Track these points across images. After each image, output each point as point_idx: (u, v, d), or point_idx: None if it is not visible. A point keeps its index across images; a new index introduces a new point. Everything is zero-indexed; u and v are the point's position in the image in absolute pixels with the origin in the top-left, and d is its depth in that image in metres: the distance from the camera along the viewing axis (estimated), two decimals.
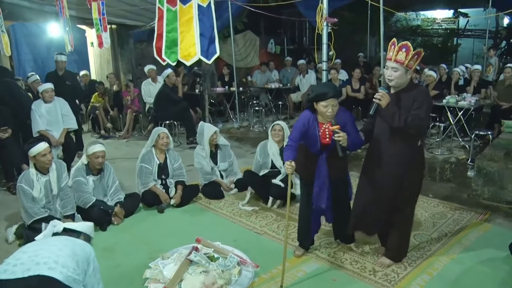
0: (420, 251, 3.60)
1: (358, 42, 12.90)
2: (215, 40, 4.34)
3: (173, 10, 4.38)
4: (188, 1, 4.30)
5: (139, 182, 4.75)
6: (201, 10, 4.33)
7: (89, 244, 2.49)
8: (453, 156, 6.55)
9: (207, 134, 5.00)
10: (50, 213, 3.88)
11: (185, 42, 4.39)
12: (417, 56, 2.98)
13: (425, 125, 3.11)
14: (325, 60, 4.80)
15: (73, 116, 6.09)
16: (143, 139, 7.79)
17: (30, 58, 10.61)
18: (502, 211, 4.44)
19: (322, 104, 3.10)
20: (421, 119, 2.98)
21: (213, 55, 4.39)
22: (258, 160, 4.97)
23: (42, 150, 3.77)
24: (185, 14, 4.34)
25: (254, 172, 4.97)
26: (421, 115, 2.98)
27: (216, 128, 5.14)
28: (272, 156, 4.85)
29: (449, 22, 14.28)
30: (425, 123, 3.07)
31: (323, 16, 4.38)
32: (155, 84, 8.26)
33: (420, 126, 3.04)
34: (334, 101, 3.11)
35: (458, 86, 7.96)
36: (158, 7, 4.40)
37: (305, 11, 10.55)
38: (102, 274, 3.26)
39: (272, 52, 13.20)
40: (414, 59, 2.97)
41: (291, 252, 3.62)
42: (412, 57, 2.95)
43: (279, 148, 4.80)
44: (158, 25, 4.43)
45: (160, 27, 4.43)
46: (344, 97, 8.88)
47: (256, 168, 5.00)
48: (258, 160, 4.97)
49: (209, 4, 4.31)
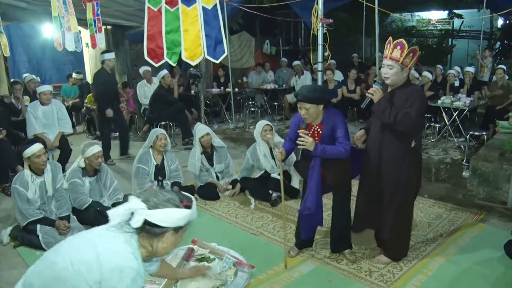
0: (415, 251, 3.61)
1: (354, 43, 12.95)
2: (222, 41, 4.40)
3: (172, 11, 4.38)
4: (193, 3, 4.32)
5: (136, 183, 4.74)
6: (205, 12, 4.37)
7: (123, 270, 1.69)
8: (448, 157, 6.57)
9: (198, 135, 5.01)
10: (45, 215, 3.86)
11: (190, 43, 4.41)
12: (412, 53, 2.99)
13: (414, 124, 3.00)
14: (320, 61, 4.81)
15: (69, 119, 6.05)
16: (139, 140, 7.79)
17: (25, 59, 10.54)
18: (496, 211, 4.47)
19: (298, 106, 3.14)
20: (411, 117, 2.96)
21: (221, 55, 4.48)
22: (251, 163, 5.02)
23: (37, 151, 3.75)
24: (189, 16, 4.36)
25: (249, 178, 5.03)
26: (411, 113, 2.96)
27: (208, 129, 5.10)
28: (264, 158, 4.88)
29: (444, 23, 14.36)
30: (414, 122, 3.00)
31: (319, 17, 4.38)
32: (150, 86, 8.25)
33: (409, 124, 2.99)
34: (304, 104, 3.08)
35: (453, 87, 8.01)
36: (147, 7, 4.38)
37: (301, 12, 10.55)
38: None
39: (268, 53, 13.21)
40: (409, 56, 2.99)
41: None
42: (407, 54, 2.97)
43: (269, 148, 4.83)
44: (149, 25, 4.42)
45: (152, 27, 4.42)
46: (340, 98, 8.91)
47: (244, 170, 5.06)
48: (251, 163, 5.02)
49: (215, 6, 4.35)
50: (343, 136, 3.10)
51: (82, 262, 1.68)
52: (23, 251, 3.79)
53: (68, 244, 1.80)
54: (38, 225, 3.76)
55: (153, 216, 1.73)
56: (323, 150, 3.07)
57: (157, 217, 1.73)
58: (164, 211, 1.75)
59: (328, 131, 3.15)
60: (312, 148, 3.06)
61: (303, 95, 3.08)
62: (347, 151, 3.08)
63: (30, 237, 3.78)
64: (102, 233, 1.76)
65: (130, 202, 1.76)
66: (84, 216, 4.11)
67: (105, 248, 1.70)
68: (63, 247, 1.80)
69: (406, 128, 3.02)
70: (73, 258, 1.70)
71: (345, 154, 3.09)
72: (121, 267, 1.67)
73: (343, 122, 3.15)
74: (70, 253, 1.73)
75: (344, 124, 3.15)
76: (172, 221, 1.77)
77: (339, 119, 3.15)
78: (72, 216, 4.06)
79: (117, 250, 1.70)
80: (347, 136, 3.12)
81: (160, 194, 1.82)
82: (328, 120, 3.15)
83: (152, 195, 1.81)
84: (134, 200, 1.76)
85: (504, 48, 12.10)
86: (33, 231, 3.76)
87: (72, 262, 1.68)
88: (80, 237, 1.84)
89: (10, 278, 3.37)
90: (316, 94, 3.08)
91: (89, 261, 1.67)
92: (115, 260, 1.68)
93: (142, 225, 1.73)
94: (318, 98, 3.07)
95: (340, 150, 3.08)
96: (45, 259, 1.81)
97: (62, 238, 3.81)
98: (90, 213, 4.11)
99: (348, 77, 9.06)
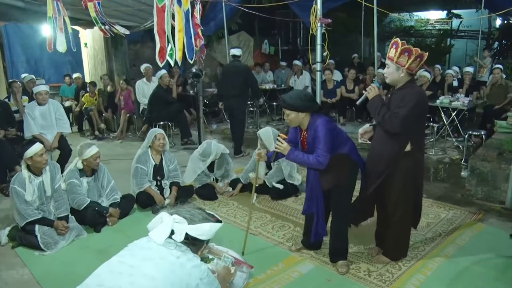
0: (414, 251, 3.61)
1: (352, 43, 12.95)
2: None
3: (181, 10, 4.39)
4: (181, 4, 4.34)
5: (134, 182, 4.73)
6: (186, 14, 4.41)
7: (201, 265, 1.96)
8: (447, 156, 6.58)
9: (212, 156, 4.92)
10: (44, 215, 3.85)
11: (180, 43, 4.42)
12: (408, 53, 2.98)
13: (400, 125, 2.93)
14: (319, 60, 4.81)
15: (67, 119, 5.99)
16: (137, 140, 7.79)
17: (23, 59, 10.52)
18: (495, 211, 4.47)
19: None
20: (400, 118, 2.93)
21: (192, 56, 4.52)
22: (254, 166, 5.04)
23: (39, 150, 3.75)
24: (181, 16, 4.38)
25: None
26: (400, 114, 2.94)
27: (221, 149, 5.00)
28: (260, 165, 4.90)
29: (443, 23, 14.38)
30: (400, 123, 2.94)
31: (317, 17, 4.39)
32: (149, 84, 8.22)
33: (395, 124, 2.96)
34: (286, 110, 3.11)
35: (452, 87, 8.02)
36: (155, 2, 4.33)
37: (299, 12, 10.56)
38: None
39: (267, 53, 13.20)
40: (404, 56, 2.98)
41: (287, 253, 3.64)
42: (401, 53, 2.97)
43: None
44: (157, 22, 4.36)
45: (162, 24, 4.36)
46: (338, 97, 8.92)
47: (246, 172, 5.11)
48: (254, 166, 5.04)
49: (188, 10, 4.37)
50: (320, 147, 3.01)
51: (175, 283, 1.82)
52: (21, 251, 3.77)
53: (139, 273, 1.83)
54: (36, 225, 3.75)
55: (194, 230, 1.96)
56: (296, 157, 3.12)
57: (197, 231, 1.96)
58: (202, 226, 1.98)
59: (310, 138, 3.13)
60: (286, 153, 3.11)
61: (285, 100, 3.11)
62: (320, 162, 3.00)
63: (29, 238, 3.77)
64: (162, 253, 1.89)
65: (167, 217, 1.94)
66: (83, 216, 4.11)
67: (182, 261, 1.88)
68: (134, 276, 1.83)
69: (392, 128, 3.01)
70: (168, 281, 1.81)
71: (317, 164, 3.02)
72: (203, 271, 1.94)
73: (324, 132, 3.02)
74: (155, 279, 1.81)
75: (324, 134, 3.02)
76: (208, 234, 2.03)
77: (319, 129, 3.03)
78: (71, 216, 4.05)
79: (190, 260, 1.91)
80: (325, 147, 3.00)
81: (192, 210, 2.03)
82: (311, 127, 3.12)
83: (184, 211, 2.01)
84: (170, 217, 1.94)
85: (502, 48, 12.11)
86: (31, 232, 3.75)
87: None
88: (141, 262, 1.89)
89: (9, 278, 3.36)
90: (298, 102, 3.06)
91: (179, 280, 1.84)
92: (196, 271, 1.90)
93: (184, 239, 1.93)
94: (299, 106, 3.06)
95: (311, 159, 3.03)
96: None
97: (61, 239, 3.82)
98: (88, 213, 4.11)
99: (347, 77, 9.07)
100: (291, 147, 3.13)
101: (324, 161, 3.00)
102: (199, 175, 5.05)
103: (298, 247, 3.66)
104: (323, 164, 3.01)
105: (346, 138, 3.21)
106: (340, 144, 3.15)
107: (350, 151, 3.19)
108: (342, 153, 3.14)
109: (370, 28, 8.65)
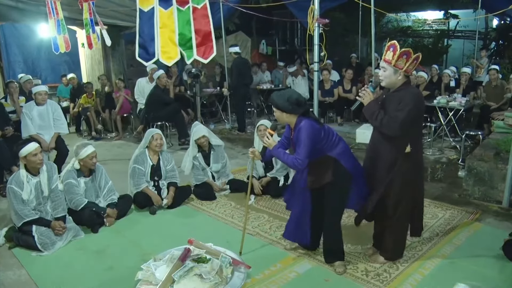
0: (411, 251, 3.62)
1: (350, 43, 12.96)
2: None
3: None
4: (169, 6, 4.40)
5: (132, 183, 4.73)
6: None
7: None
8: (444, 156, 6.59)
9: (194, 136, 5.00)
10: (41, 215, 3.84)
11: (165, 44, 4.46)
12: (406, 56, 2.97)
13: (399, 128, 2.93)
14: (316, 61, 4.82)
15: (65, 120, 5.97)
16: (135, 141, 7.78)
17: (20, 59, 10.50)
18: (492, 211, 4.48)
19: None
20: (398, 122, 2.93)
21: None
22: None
23: (33, 150, 3.74)
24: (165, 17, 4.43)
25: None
26: (399, 117, 2.93)
27: (205, 131, 5.06)
28: (257, 164, 4.91)
29: (440, 23, 14.38)
30: (399, 126, 2.94)
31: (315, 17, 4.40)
32: (150, 84, 8.14)
33: (393, 128, 2.97)
34: (273, 107, 3.17)
35: (449, 87, 8.04)
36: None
37: (297, 12, 10.55)
38: (94, 277, 3.24)
39: (264, 53, 13.20)
40: (402, 59, 2.97)
41: (285, 253, 3.63)
42: (399, 56, 2.96)
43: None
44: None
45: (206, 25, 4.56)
46: (336, 97, 8.92)
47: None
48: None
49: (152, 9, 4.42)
50: (299, 150, 3.04)
51: None
52: (18, 252, 3.76)
53: None
54: (34, 226, 3.74)
55: None
56: (278, 154, 3.21)
57: None
58: None
59: (295, 139, 3.14)
60: (271, 148, 3.23)
61: (272, 98, 3.17)
62: (295, 165, 3.05)
63: (26, 238, 3.76)
64: None
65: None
66: (80, 217, 4.10)
67: None
68: None
69: (390, 131, 3.01)
70: None
71: (293, 166, 3.11)
72: None
73: (305, 135, 3.01)
74: None
75: (305, 138, 3.01)
76: None
77: (301, 132, 3.04)
78: (68, 217, 4.04)
79: None
80: (305, 152, 3.00)
81: None
82: (296, 129, 3.13)
83: None
84: None
85: (499, 48, 12.14)
86: (28, 232, 3.74)
87: None
88: None
89: (6, 279, 3.35)
90: (283, 103, 3.08)
91: None
92: None
93: None
94: (283, 107, 3.10)
95: (289, 160, 3.09)
96: None
97: (58, 239, 3.81)
98: (86, 213, 4.11)
99: (344, 77, 9.07)
100: (276, 144, 3.24)
101: (301, 165, 3.04)
102: (196, 170, 5.04)
103: (293, 246, 3.66)
104: (298, 168, 3.11)
105: (335, 142, 3.15)
106: (328, 148, 3.12)
107: (340, 155, 3.13)
108: (329, 156, 3.11)
109: (367, 28, 8.65)
